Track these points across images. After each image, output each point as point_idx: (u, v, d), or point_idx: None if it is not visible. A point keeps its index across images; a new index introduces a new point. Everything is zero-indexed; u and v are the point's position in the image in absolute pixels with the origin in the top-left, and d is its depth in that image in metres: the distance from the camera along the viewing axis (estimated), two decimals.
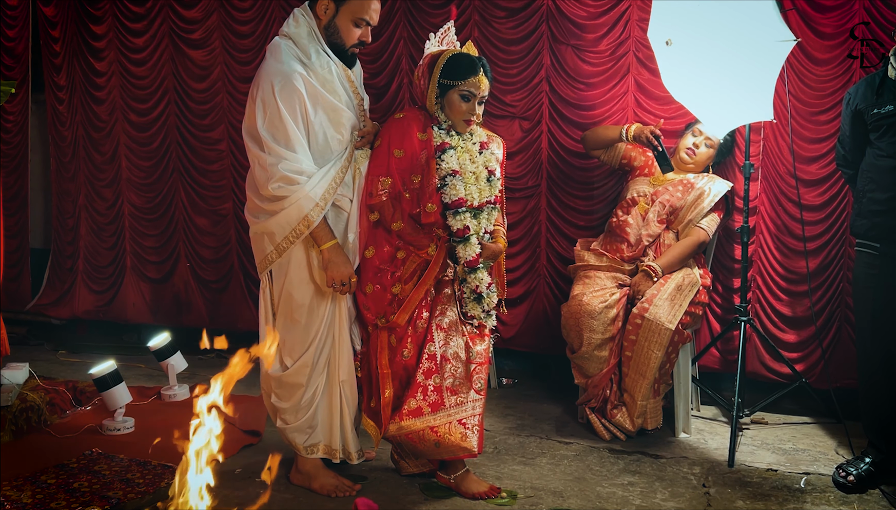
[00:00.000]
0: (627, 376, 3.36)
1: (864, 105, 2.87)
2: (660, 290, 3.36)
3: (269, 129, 2.64)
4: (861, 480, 2.92)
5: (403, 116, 2.86)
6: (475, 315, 2.88)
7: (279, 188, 2.64)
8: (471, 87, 2.78)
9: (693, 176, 3.57)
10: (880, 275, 2.86)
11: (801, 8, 3.55)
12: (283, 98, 2.62)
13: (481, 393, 2.83)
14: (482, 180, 2.89)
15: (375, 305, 2.82)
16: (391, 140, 2.80)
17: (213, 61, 4.69)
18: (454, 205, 2.80)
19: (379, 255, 2.82)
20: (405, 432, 2.78)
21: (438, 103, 2.83)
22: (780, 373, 3.75)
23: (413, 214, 2.82)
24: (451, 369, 2.81)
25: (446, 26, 2.95)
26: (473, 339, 2.87)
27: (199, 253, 4.87)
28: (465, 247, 2.83)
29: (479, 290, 2.86)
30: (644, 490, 2.94)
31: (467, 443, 2.76)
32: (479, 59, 2.83)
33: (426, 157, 2.80)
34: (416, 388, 2.79)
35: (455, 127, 2.85)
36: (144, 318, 5.03)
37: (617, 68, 3.88)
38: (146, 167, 4.93)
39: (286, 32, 2.75)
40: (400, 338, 2.83)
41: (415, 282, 2.82)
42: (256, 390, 3.13)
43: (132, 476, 2.94)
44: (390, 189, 2.79)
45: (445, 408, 2.77)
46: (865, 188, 2.89)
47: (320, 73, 2.72)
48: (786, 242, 3.72)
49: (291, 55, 2.69)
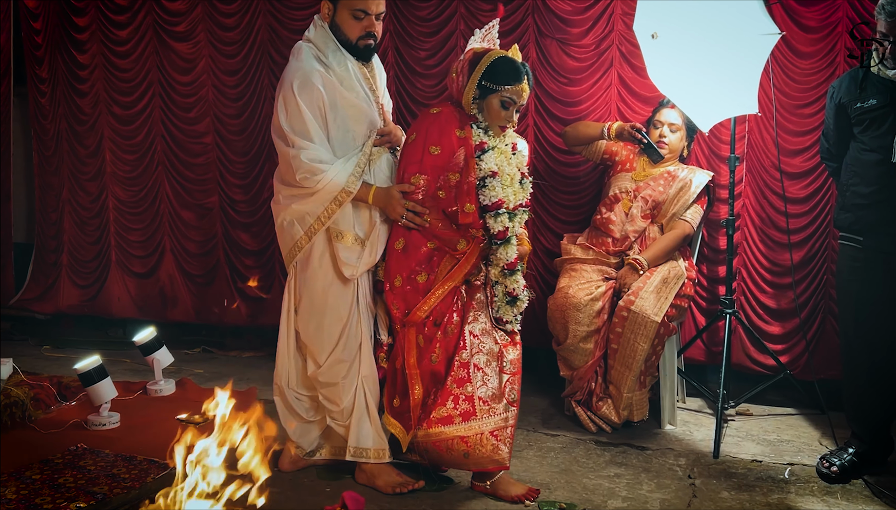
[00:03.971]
0: (613, 368, 3.37)
1: (847, 99, 2.88)
2: (646, 283, 3.38)
3: (291, 123, 2.73)
4: (844, 471, 2.94)
5: (440, 112, 2.79)
6: (507, 318, 2.81)
7: (305, 179, 2.71)
8: (513, 94, 2.73)
9: (674, 167, 3.59)
10: (863, 268, 2.88)
11: (785, 2, 3.57)
12: (301, 95, 2.71)
13: (514, 404, 2.76)
14: (516, 183, 2.84)
15: (404, 302, 2.77)
16: (427, 136, 2.74)
17: (197, 54, 4.66)
18: (494, 206, 2.74)
19: (415, 256, 2.76)
20: (433, 440, 2.73)
21: (476, 104, 2.77)
22: (764, 364, 3.78)
23: (448, 212, 2.77)
24: (483, 378, 2.74)
25: (491, 23, 2.89)
26: (506, 347, 2.80)
27: (184, 247, 4.85)
28: (505, 249, 2.77)
29: (514, 293, 2.79)
30: (630, 481, 2.96)
31: (498, 456, 2.70)
32: (523, 66, 2.77)
33: (465, 155, 2.74)
34: (447, 396, 2.73)
35: (489, 130, 2.80)
36: (130, 313, 5.01)
37: (601, 63, 3.89)
38: (131, 161, 4.90)
39: (307, 37, 2.85)
40: (429, 339, 2.77)
41: (443, 277, 2.76)
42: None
43: (118, 471, 2.92)
44: (425, 186, 2.74)
45: (477, 418, 2.70)
46: (849, 182, 2.91)
47: (338, 70, 2.79)
48: (770, 235, 3.74)
49: (311, 55, 2.79)
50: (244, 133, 4.61)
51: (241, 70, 4.57)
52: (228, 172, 4.68)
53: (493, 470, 2.76)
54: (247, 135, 4.61)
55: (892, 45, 2.66)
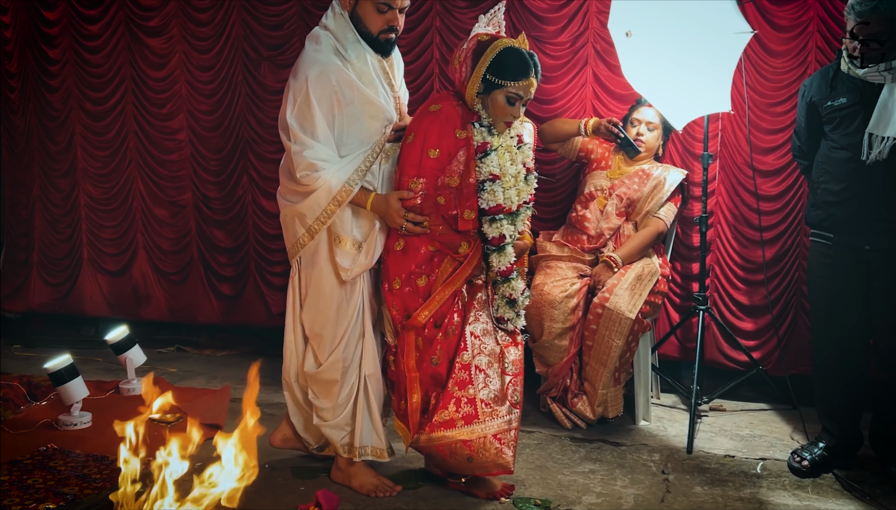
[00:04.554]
0: (588, 365, 3.39)
1: (818, 97, 2.92)
2: (620, 280, 3.39)
3: (298, 118, 2.65)
4: (815, 465, 2.98)
5: (439, 110, 2.65)
6: (507, 316, 2.75)
7: (306, 176, 2.64)
8: (520, 89, 2.58)
9: (648, 166, 3.61)
10: (834, 264, 2.92)
11: (758, 1, 3.60)
12: (315, 89, 2.62)
13: (517, 406, 2.70)
14: (521, 181, 2.73)
15: (403, 305, 2.71)
16: (426, 138, 2.62)
17: (171, 49, 4.60)
18: (492, 211, 2.63)
19: (415, 258, 2.69)
20: (435, 444, 2.67)
21: (480, 99, 2.63)
22: (737, 360, 3.81)
23: (447, 217, 2.68)
24: (486, 380, 2.68)
25: (497, 6, 2.75)
26: (507, 347, 2.74)
27: (157, 244, 4.80)
28: (499, 256, 2.69)
29: (512, 297, 2.73)
30: (604, 477, 2.97)
31: (502, 460, 2.65)
32: (531, 57, 2.60)
33: (466, 157, 2.63)
34: (449, 399, 2.67)
35: (494, 126, 2.66)
36: (102, 311, 4.94)
37: (576, 60, 3.90)
38: (103, 157, 4.84)
39: (325, 24, 2.74)
40: (428, 341, 2.71)
41: (443, 280, 2.70)
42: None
43: (89, 471, 2.89)
44: (424, 189, 2.64)
45: (479, 422, 2.64)
46: (820, 179, 2.94)
47: (357, 64, 2.70)
48: (743, 232, 3.78)
49: (330, 46, 2.69)
50: (218, 129, 4.57)
51: (215, 66, 4.53)
52: (202, 169, 4.64)
53: (498, 474, 2.72)
54: (221, 131, 4.57)
55: (862, 45, 2.69)
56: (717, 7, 3.30)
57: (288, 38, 4.37)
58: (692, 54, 3.28)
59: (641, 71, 3.39)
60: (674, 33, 3.29)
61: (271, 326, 4.60)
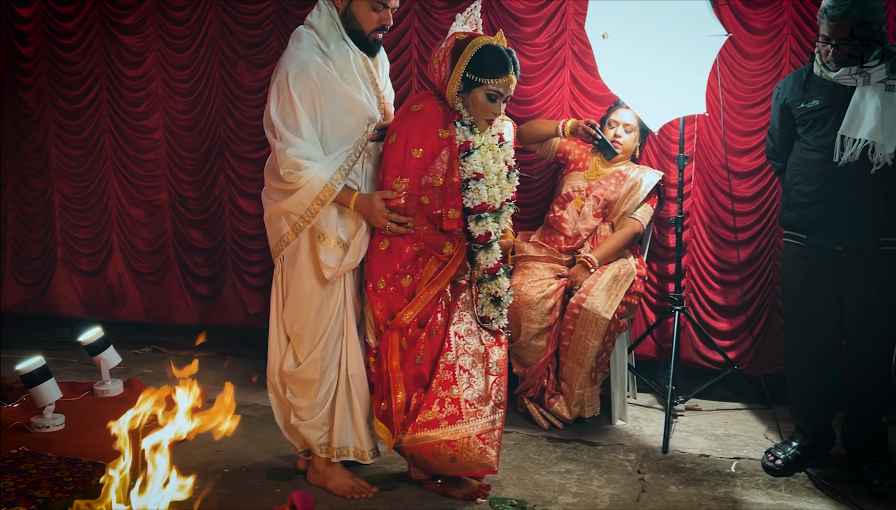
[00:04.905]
0: (565, 365, 3.40)
1: (791, 99, 2.94)
2: (597, 281, 3.41)
3: (282, 114, 2.64)
4: (788, 464, 3.01)
5: (421, 110, 2.67)
6: (491, 315, 2.75)
7: (289, 174, 2.64)
8: (500, 86, 2.61)
9: (625, 167, 3.63)
10: (807, 265, 2.95)
11: (733, 4, 3.62)
12: (296, 86, 2.62)
13: (501, 406, 2.71)
14: (503, 179, 2.76)
15: (387, 305, 2.70)
16: (409, 138, 2.63)
17: (147, 47, 4.56)
18: (477, 210, 2.65)
19: (399, 258, 2.69)
20: (418, 444, 2.67)
21: (460, 98, 2.65)
22: (713, 360, 3.84)
23: (432, 216, 2.69)
24: (470, 380, 2.68)
25: (473, 5, 2.77)
26: (491, 347, 2.74)
27: (133, 244, 4.75)
28: (486, 253, 2.70)
29: (497, 295, 2.74)
30: (581, 477, 2.98)
31: (486, 460, 2.65)
32: (509, 54, 2.63)
33: (449, 156, 2.64)
34: (432, 399, 2.67)
35: (475, 124, 2.68)
36: (77, 312, 4.89)
37: (554, 61, 3.91)
38: (77, 156, 4.78)
39: (309, 22, 2.74)
40: (412, 341, 2.71)
41: (427, 280, 2.70)
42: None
43: (61, 474, 2.86)
44: (408, 189, 2.65)
45: (463, 422, 2.64)
46: (793, 180, 2.97)
47: (339, 62, 2.70)
48: (719, 233, 3.80)
49: (312, 44, 2.69)
50: (195, 129, 4.53)
51: (191, 64, 4.49)
52: (179, 169, 4.60)
53: (481, 474, 2.72)
54: (198, 130, 4.53)
55: (834, 48, 2.72)
56: (693, 9, 3.32)
57: (265, 37, 4.34)
58: (668, 56, 3.30)
59: (618, 72, 3.41)
60: (650, 35, 3.31)
61: (249, 327, 4.58)
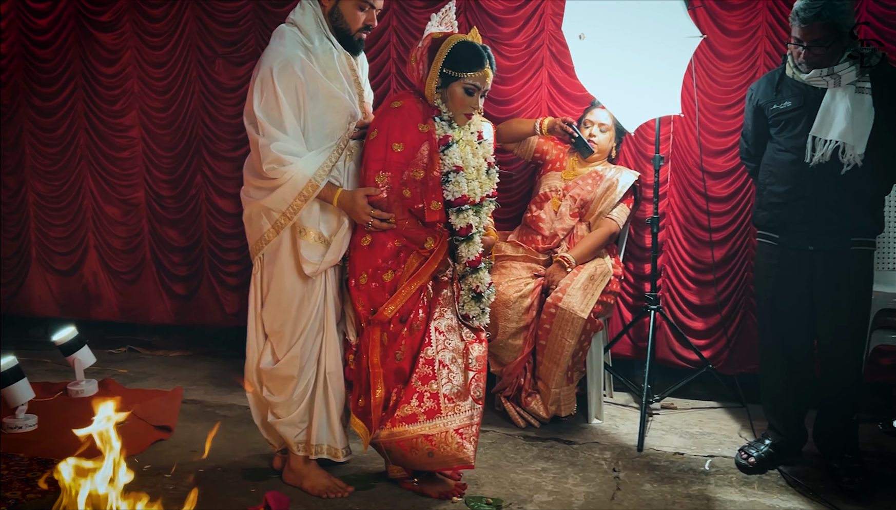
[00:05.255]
0: (541, 364, 3.41)
1: (764, 101, 2.98)
2: (573, 280, 3.42)
3: (265, 109, 2.63)
4: (761, 462, 3.04)
5: (401, 106, 2.71)
6: (472, 313, 2.77)
7: (272, 169, 2.63)
8: (476, 80, 2.66)
9: (602, 167, 3.65)
10: (779, 264, 2.98)
11: (708, 5, 3.65)
12: (280, 80, 2.62)
13: (480, 401, 2.72)
14: (483, 174, 2.79)
15: (370, 300, 2.71)
16: (390, 133, 2.66)
17: (123, 45, 4.53)
18: (458, 202, 2.68)
19: (381, 253, 2.70)
20: (396, 439, 2.66)
21: (439, 93, 2.69)
22: (688, 359, 3.87)
23: (414, 210, 2.71)
24: (449, 375, 2.69)
25: (448, 6, 2.81)
26: (472, 344, 2.76)
27: (109, 243, 4.71)
28: (467, 246, 2.72)
29: (479, 290, 2.75)
30: (556, 475, 3.00)
31: (463, 454, 2.65)
32: (484, 49, 2.68)
33: (429, 150, 2.67)
34: (411, 394, 2.67)
35: (454, 119, 2.73)
36: (51, 312, 4.85)
37: (532, 62, 3.92)
38: (52, 154, 4.74)
39: (292, 20, 2.75)
40: (393, 337, 2.71)
41: (409, 275, 2.71)
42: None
43: (33, 475, 2.83)
44: (389, 183, 2.67)
45: (442, 416, 2.65)
46: (766, 181, 3.00)
47: (322, 58, 2.71)
48: (694, 233, 3.83)
49: (295, 41, 2.69)
50: (172, 127, 4.51)
51: (168, 62, 4.46)
52: (155, 167, 4.57)
53: (458, 469, 2.73)
54: (174, 129, 4.50)
55: (806, 50, 2.75)
56: (669, 11, 3.34)
57: (243, 35, 4.32)
58: (644, 57, 3.33)
59: (594, 73, 3.43)
60: (626, 36, 3.33)
61: (226, 327, 4.56)
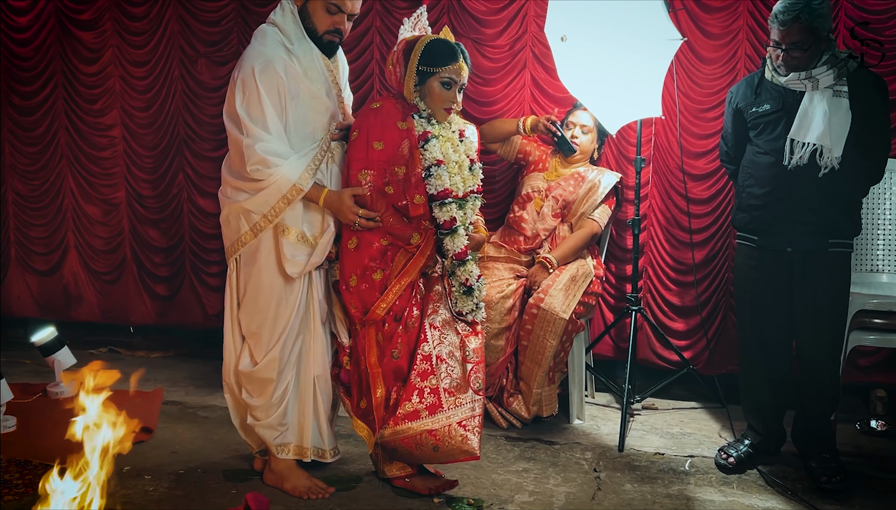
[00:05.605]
0: (523, 365, 3.42)
1: (743, 104, 3.00)
2: (555, 281, 3.44)
3: (247, 108, 2.61)
4: (740, 461, 3.06)
5: (381, 106, 2.74)
6: (466, 309, 2.77)
7: (257, 171, 2.60)
8: (451, 73, 2.70)
9: (584, 169, 3.67)
10: (758, 266, 3.01)
11: (690, 8, 3.68)
12: (262, 80, 2.60)
13: (480, 393, 2.72)
14: (465, 169, 2.81)
15: (361, 301, 2.71)
16: (370, 132, 2.69)
17: (104, 43, 4.50)
18: (440, 195, 2.70)
19: (368, 252, 2.71)
20: (400, 436, 2.67)
21: (417, 91, 2.73)
22: (669, 360, 3.89)
23: (399, 206, 2.72)
24: (448, 369, 2.70)
25: (419, 11, 2.86)
26: (468, 337, 2.77)
27: (89, 243, 4.68)
28: (452, 239, 2.73)
29: (468, 283, 2.75)
30: (537, 476, 3.01)
31: (468, 446, 2.66)
32: (457, 45, 2.74)
33: (409, 147, 2.70)
34: (412, 391, 2.68)
35: (434, 115, 2.76)
36: (31, 312, 4.80)
37: (515, 63, 3.93)
38: (32, 153, 4.70)
39: (272, 20, 2.74)
40: (388, 336, 2.73)
41: (398, 272, 2.72)
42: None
43: (10, 477, 2.81)
44: (372, 182, 2.69)
45: (444, 411, 2.66)
46: (745, 183, 3.03)
47: (303, 58, 2.70)
48: (675, 235, 3.86)
49: (276, 40, 2.68)
50: (153, 126, 4.48)
51: (150, 61, 4.44)
52: (136, 166, 4.54)
53: (464, 460, 2.74)
54: (156, 128, 4.48)
55: (784, 53, 2.78)
56: (650, 13, 3.36)
57: (225, 34, 4.31)
58: (625, 59, 3.34)
59: (577, 75, 3.44)
60: (608, 38, 3.35)
61: (207, 328, 4.54)
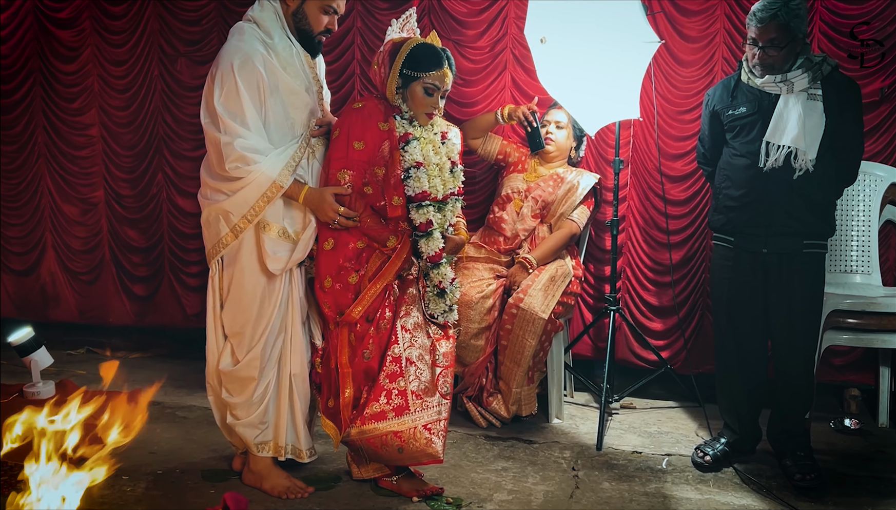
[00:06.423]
0: (503, 364, 3.44)
1: (720, 106, 3.04)
2: (534, 281, 3.46)
3: (226, 104, 2.59)
4: (717, 460, 3.10)
5: (363, 106, 2.74)
6: (437, 311, 2.80)
7: (236, 169, 2.58)
8: (435, 80, 2.71)
9: (563, 170, 3.69)
10: (734, 266, 3.04)
11: (668, 11, 3.72)
12: (241, 76, 2.58)
13: (447, 397, 2.74)
14: (446, 172, 2.82)
15: (335, 302, 2.72)
16: (350, 131, 2.69)
17: (82, 42, 4.47)
18: (418, 198, 2.71)
19: (343, 252, 2.72)
20: (366, 436, 2.69)
21: (400, 94, 2.75)
22: (647, 359, 3.93)
23: (377, 207, 2.73)
24: (416, 372, 2.72)
25: (408, 13, 2.86)
26: (439, 340, 2.78)
27: (67, 243, 4.65)
28: (427, 241, 2.74)
29: (441, 286, 2.77)
30: (516, 475, 3.02)
31: (432, 449, 2.68)
32: (444, 51, 2.74)
33: (389, 148, 2.71)
34: (380, 391, 2.70)
35: (416, 119, 2.77)
36: (7, 312, 4.76)
37: (495, 65, 3.95)
38: (9, 152, 4.66)
39: (250, 16, 2.72)
40: (360, 336, 2.74)
41: (373, 274, 2.73)
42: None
43: None
44: (352, 182, 2.69)
45: (410, 413, 2.68)
46: (721, 185, 3.06)
47: (282, 54, 2.69)
48: (653, 235, 3.89)
49: (254, 36, 2.66)
50: (132, 125, 4.46)
51: (129, 60, 4.42)
52: (115, 166, 4.51)
53: (428, 463, 2.75)
54: (135, 127, 4.46)
55: (761, 51, 2.82)
56: (628, 16, 3.39)
57: (206, 34, 4.30)
58: (604, 61, 3.37)
59: (556, 76, 3.46)
60: (587, 41, 3.37)
61: (186, 328, 4.52)
